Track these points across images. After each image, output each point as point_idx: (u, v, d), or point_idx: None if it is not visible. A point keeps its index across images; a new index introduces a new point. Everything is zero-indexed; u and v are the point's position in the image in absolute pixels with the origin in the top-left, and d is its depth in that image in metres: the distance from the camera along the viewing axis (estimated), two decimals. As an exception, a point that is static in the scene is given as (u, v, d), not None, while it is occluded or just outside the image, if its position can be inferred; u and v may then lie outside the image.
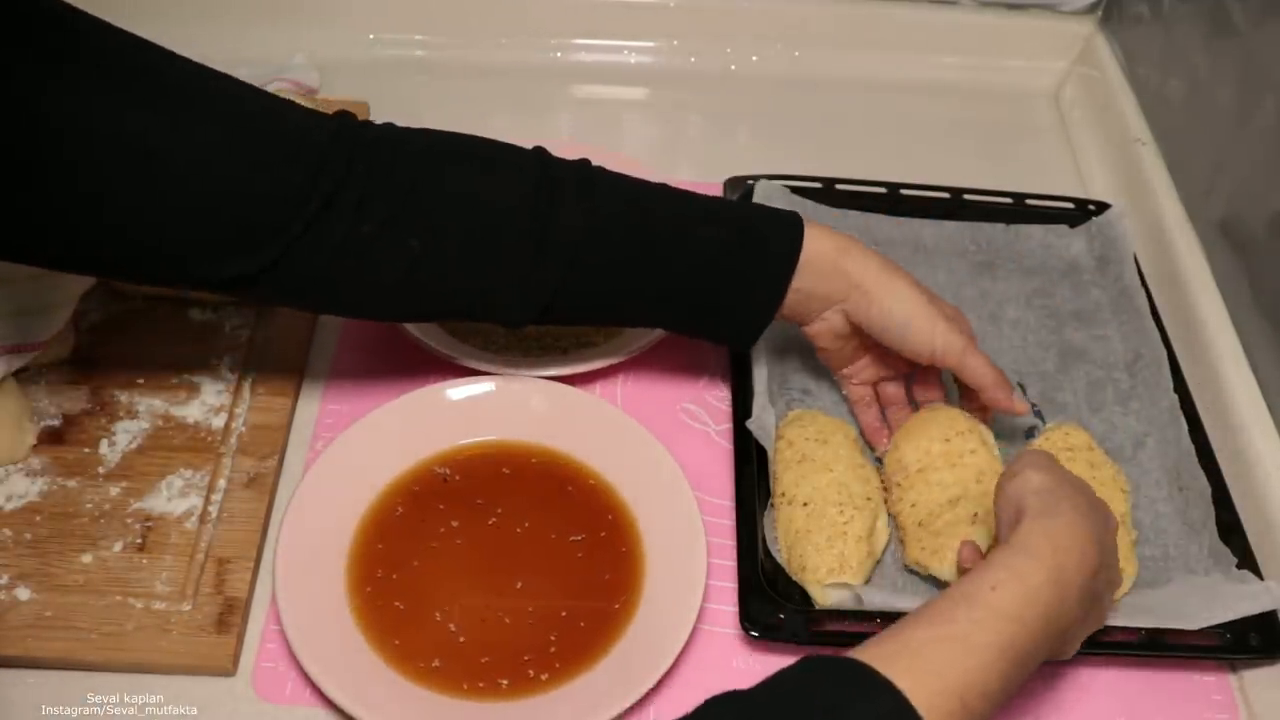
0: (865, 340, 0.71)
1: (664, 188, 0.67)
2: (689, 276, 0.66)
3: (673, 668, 0.63)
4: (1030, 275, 0.87)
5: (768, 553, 0.68)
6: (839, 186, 0.89)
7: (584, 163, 0.66)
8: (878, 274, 0.67)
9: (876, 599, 0.65)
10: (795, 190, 0.88)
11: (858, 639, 0.64)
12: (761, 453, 0.72)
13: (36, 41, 0.51)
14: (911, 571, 0.69)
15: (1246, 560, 0.68)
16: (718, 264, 0.66)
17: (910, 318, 0.67)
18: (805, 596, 0.66)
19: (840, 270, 0.67)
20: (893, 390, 0.76)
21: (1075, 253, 0.89)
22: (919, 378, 0.75)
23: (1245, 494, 0.72)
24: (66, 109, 0.52)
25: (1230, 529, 0.70)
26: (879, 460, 0.74)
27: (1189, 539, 0.71)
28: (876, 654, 0.49)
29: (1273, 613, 0.66)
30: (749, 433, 0.72)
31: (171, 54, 0.57)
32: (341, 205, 0.58)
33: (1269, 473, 0.71)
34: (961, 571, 0.62)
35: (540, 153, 0.65)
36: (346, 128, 0.61)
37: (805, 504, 0.68)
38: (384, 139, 0.61)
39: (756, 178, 0.88)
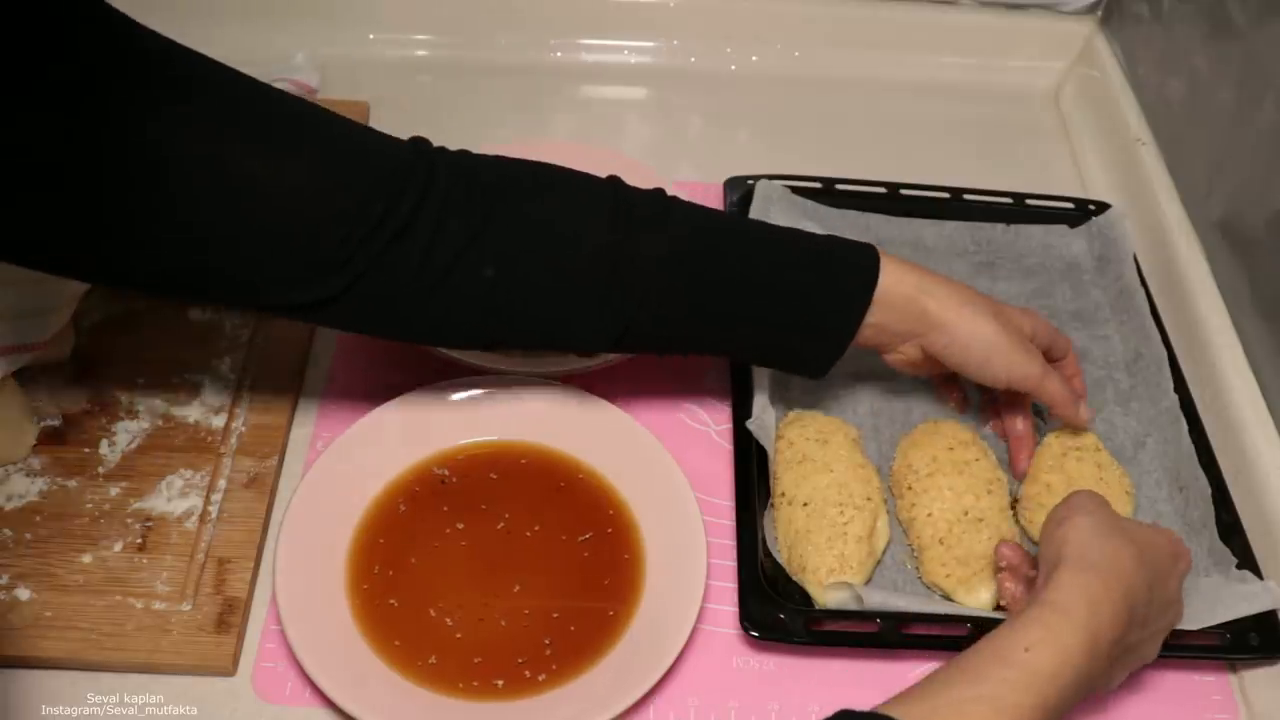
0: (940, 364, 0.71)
1: (739, 218, 0.67)
2: (761, 309, 0.65)
3: (673, 668, 0.63)
4: (1030, 275, 0.87)
5: (768, 553, 0.68)
6: (839, 186, 0.89)
7: (659, 192, 0.65)
8: (957, 311, 0.67)
9: (876, 598, 0.65)
10: (795, 190, 0.88)
11: (857, 638, 0.64)
12: (762, 453, 0.72)
13: (134, 72, 0.51)
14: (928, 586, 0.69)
15: (1246, 560, 0.69)
16: (790, 299, 0.65)
17: (989, 354, 0.68)
18: (805, 596, 0.66)
19: (918, 309, 0.66)
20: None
21: (1075, 253, 0.89)
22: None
23: (1245, 494, 0.72)
24: (163, 142, 0.52)
25: (1230, 529, 0.70)
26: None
27: (1190, 539, 0.71)
28: (909, 712, 0.48)
29: (1273, 612, 0.66)
30: (749, 433, 0.72)
31: (255, 81, 0.57)
32: (418, 231, 0.58)
33: (1269, 473, 0.71)
34: (1002, 588, 0.63)
35: (615, 182, 0.65)
36: (423, 154, 0.60)
37: (805, 504, 0.69)
38: (460, 165, 0.61)
39: (757, 178, 0.88)
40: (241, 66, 0.60)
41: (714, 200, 0.89)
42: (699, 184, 0.92)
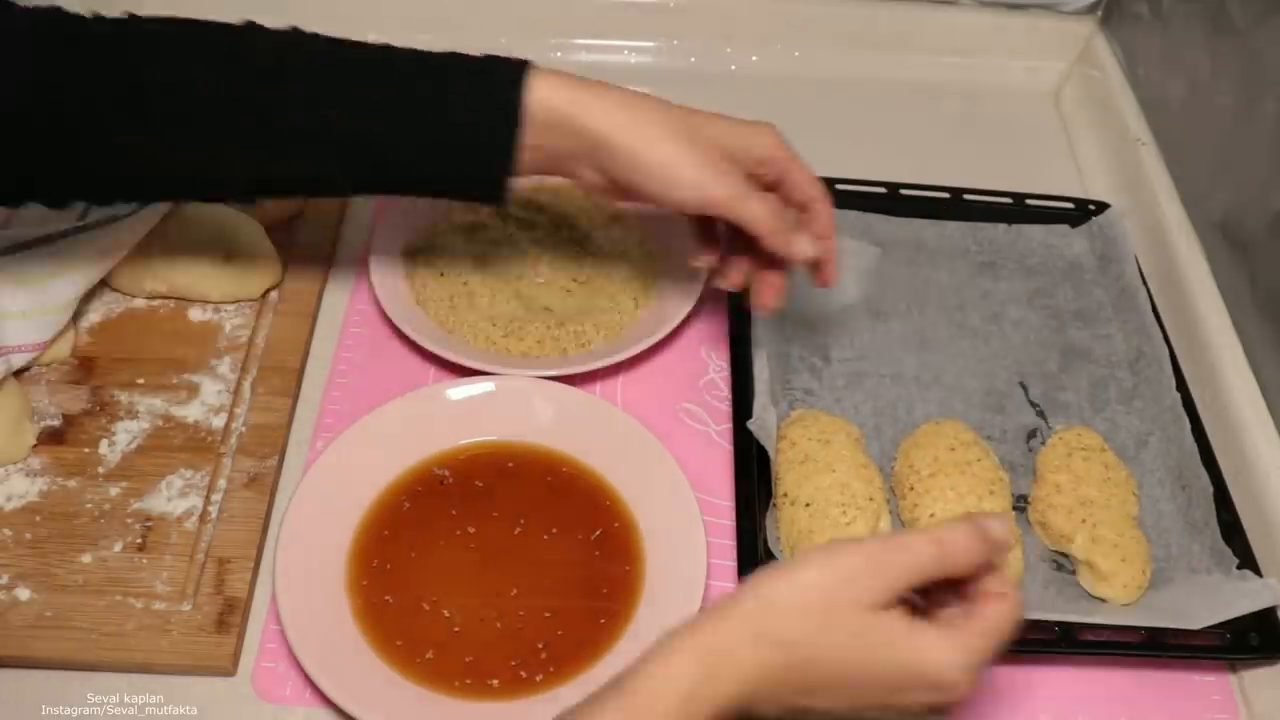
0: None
1: (379, 47, 0.63)
2: (406, 138, 0.61)
3: (673, 668, 0.63)
4: (1032, 275, 0.87)
5: (769, 553, 0.68)
6: (839, 186, 0.89)
7: (292, 31, 0.63)
8: (623, 125, 0.60)
9: None
10: None
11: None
12: (762, 453, 0.72)
13: None
14: None
15: (1247, 560, 0.68)
16: (437, 125, 0.61)
17: (669, 172, 0.60)
18: None
19: (575, 126, 0.60)
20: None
21: (1077, 252, 0.89)
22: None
23: (1245, 494, 0.72)
24: None
25: (1230, 529, 0.70)
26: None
27: (1191, 538, 0.71)
28: None
29: (1273, 612, 0.66)
30: (749, 433, 0.72)
31: None
32: (64, 103, 0.58)
33: (1269, 473, 0.71)
34: None
35: (252, 26, 0.62)
36: (52, 22, 0.59)
37: (808, 504, 0.69)
38: (96, 32, 0.60)
39: None
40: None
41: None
42: (699, 184, 0.92)
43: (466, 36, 1.05)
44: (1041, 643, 0.64)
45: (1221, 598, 0.66)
